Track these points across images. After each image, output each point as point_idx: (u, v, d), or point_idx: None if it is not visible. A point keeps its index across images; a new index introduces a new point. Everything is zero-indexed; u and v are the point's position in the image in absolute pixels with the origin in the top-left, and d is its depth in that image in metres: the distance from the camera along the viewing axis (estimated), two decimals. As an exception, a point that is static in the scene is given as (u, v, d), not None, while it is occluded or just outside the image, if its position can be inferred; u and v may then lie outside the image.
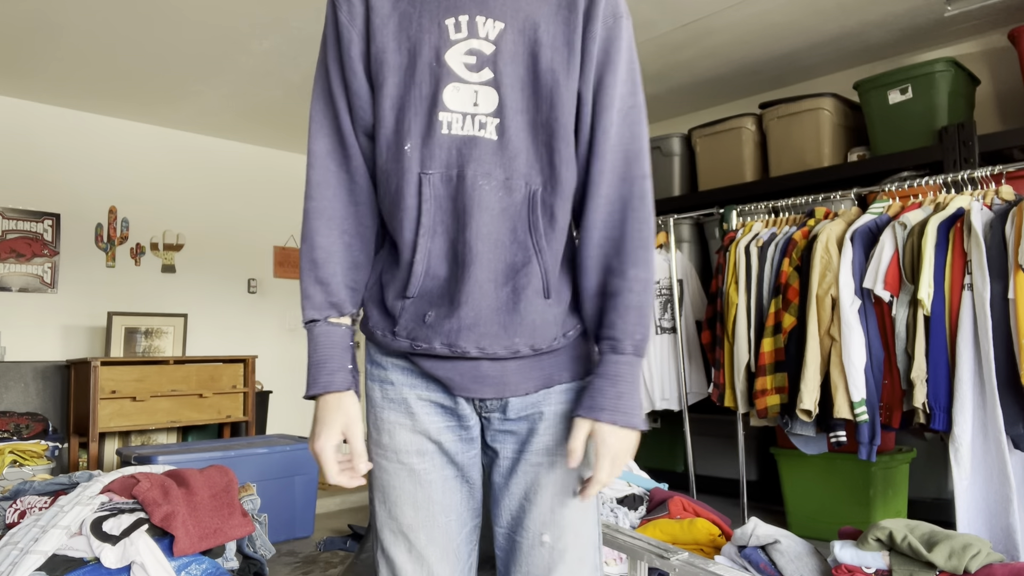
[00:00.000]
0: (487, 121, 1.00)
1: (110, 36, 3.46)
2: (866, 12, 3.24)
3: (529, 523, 1.05)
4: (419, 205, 1.00)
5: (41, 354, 4.26)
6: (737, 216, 3.37)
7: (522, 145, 1.00)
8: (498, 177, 0.99)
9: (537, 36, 1.00)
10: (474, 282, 0.98)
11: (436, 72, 0.99)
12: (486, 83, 1.00)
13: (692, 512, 2.44)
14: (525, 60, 1.00)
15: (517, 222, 1.00)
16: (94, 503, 2.25)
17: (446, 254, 1.01)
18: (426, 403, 1.06)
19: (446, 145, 0.99)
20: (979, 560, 1.79)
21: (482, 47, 1.00)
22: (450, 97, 0.99)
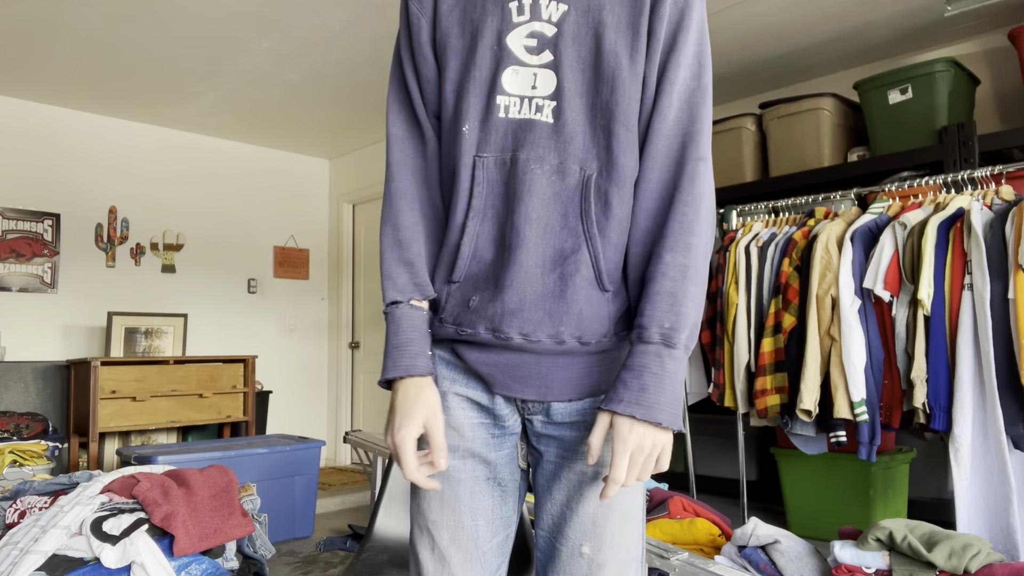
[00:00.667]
0: (544, 104, 0.99)
1: (110, 36, 3.46)
2: (866, 12, 3.25)
3: (569, 532, 1.02)
4: (471, 187, 1.00)
5: (41, 354, 4.26)
6: (737, 216, 3.37)
7: (579, 128, 0.98)
8: (551, 161, 0.98)
9: (601, 17, 0.98)
10: (519, 266, 0.97)
11: (496, 55, 1.00)
12: (545, 65, 0.99)
13: (692, 512, 2.44)
14: (588, 42, 0.98)
15: (569, 207, 0.98)
16: (94, 503, 2.25)
17: (494, 238, 1.00)
18: (462, 399, 1.04)
19: (502, 128, 0.99)
20: (979, 560, 1.79)
21: (544, 29, 0.99)
22: (509, 80, 0.99)
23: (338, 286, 5.56)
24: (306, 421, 5.43)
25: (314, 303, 5.56)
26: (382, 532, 2.81)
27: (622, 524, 1.02)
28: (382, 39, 3.48)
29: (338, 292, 5.55)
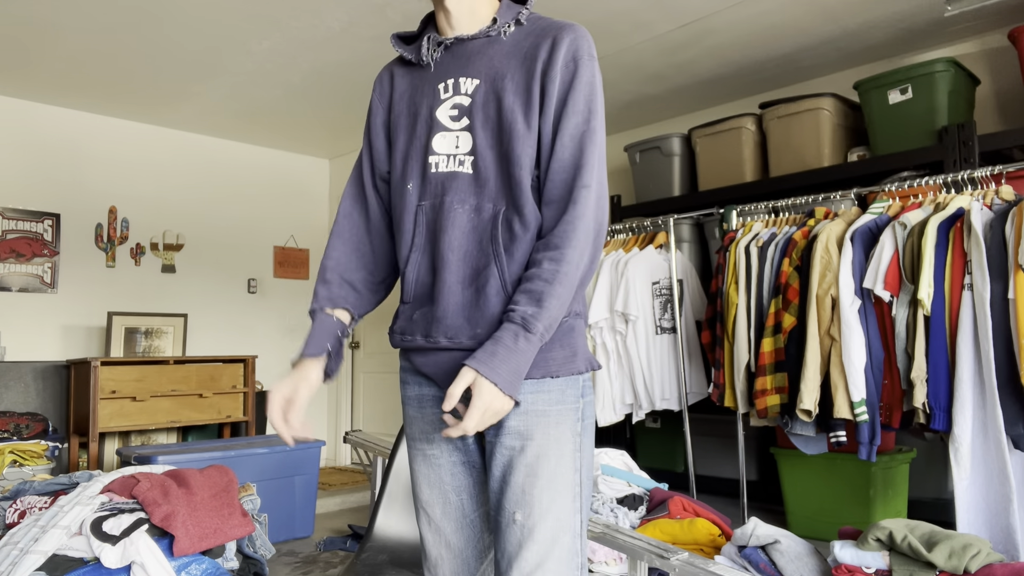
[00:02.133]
0: (465, 159, 1.23)
1: (110, 36, 3.46)
2: (866, 12, 3.25)
3: (505, 502, 1.17)
4: (414, 228, 1.25)
5: (41, 354, 4.26)
6: (737, 216, 3.37)
7: (491, 175, 1.21)
8: (471, 203, 1.21)
9: (503, 85, 1.22)
10: (444, 284, 1.20)
11: (429, 124, 1.26)
12: (464, 128, 1.24)
13: (692, 512, 2.44)
14: (493, 105, 1.22)
15: (483, 237, 1.20)
16: (94, 503, 2.25)
17: (429, 265, 1.24)
18: (429, 397, 1.27)
19: (435, 181, 1.24)
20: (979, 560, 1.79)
21: (462, 101, 1.25)
22: (438, 143, 1.25)
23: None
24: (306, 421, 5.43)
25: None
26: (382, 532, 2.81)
27: (549, 492, 1.16)
28: (382, 39, 3.48)
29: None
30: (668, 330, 3.58)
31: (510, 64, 1.23)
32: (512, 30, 1.26)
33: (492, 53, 1.25)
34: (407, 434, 1.33)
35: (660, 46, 3.58)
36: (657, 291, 3.58)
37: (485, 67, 1.24)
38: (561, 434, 1.19)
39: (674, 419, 3.85)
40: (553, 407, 1.19)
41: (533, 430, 1.18)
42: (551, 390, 1.20)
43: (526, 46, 1.24)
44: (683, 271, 3.66)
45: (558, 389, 1.20)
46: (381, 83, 1.37)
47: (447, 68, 1.27)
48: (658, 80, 4.02)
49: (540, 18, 1.28)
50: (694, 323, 3.63)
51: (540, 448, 1.17)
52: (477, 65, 1.25)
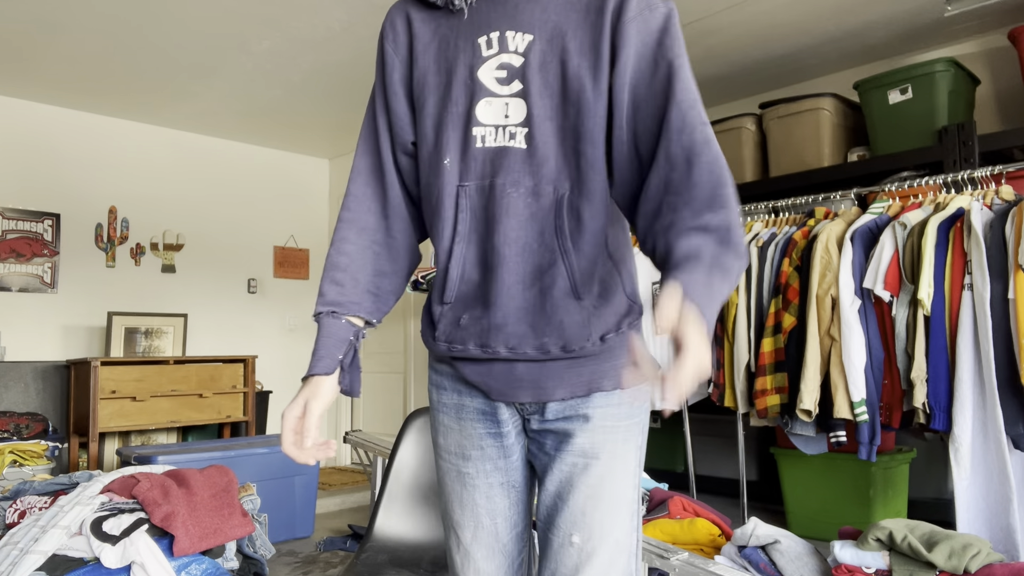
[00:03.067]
0: (517, 131, 1.04)
1: (110, 36, 3.46)
2: (866, 12, 3.24)
3: (560, 522, 1.06)
4: (455, 215, 1.06)
5: (41, 354, 4.26)
6: (737, 216, 3.37)
7: (550, 152, 1.03)
8: (526, 184, 1.03)
9: (564, 44, 1.02)
10: (502, 284, 1.03)
11: (470, 88, 1.05)
12: (516, 94, 1.04)
13: (692, 512, 2.44)
14: (554, 68, 1.03)
15: (544, 226, 1.03)
16: (94, 503, 2.25)
17: (478, 259, 1.06)
18: (470, 409, 1.11)
19: (480, 157, 1.04)
20: (979, 560, 1.79)
21: (512, 60, 1.04)
22: (482, 111, 1.05)
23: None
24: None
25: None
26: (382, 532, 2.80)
27: (611, 514, 1.05)
28: (382, 39, 3.48)
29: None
30: (668, 330, 3.58)
31: (570, 17, 1.03)
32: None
33: (546, 2, 1.05)
34: (439, 444, 1.17)
35: (660, 46, 3.58)
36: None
37: (539, 20, 1.04)
38: (627, 452, 1.08)
39: (674, 419, 3.85)
40: (623, 422, 1.07)
41: (600, 449, 1.05)
42: (622, 403, 1.07)
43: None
44: (683, 271, 3.66)
45: (628, 403, 1.08)
46: (393, 28, 1.12)
47: (488, 18, 1.06)
48: (658, 80, 4.01)
49: None
50: (694, 323, 3.63)
51: (605, 468, 1.05)
52: (528, 17, 1.05)
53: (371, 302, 1.13)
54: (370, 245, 1.13)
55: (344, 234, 1.13)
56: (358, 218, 1.13)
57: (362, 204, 1.14)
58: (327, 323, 1.11)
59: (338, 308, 1.11)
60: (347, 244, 1.13)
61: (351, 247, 1.13)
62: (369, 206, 1.14)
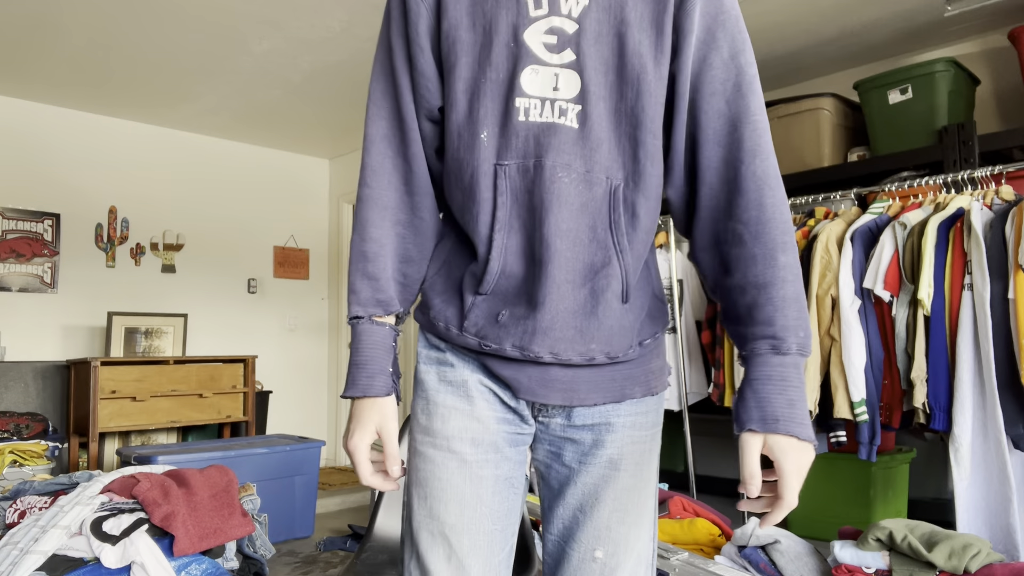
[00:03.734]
0: (568, 107, 0.91)
1: (110, 36, 3.46)
2: (866, 12, 3.24)
3: (582, 536, 0.99)
4: (494, 198, 0.92)
5: (41, 354, 4.26)
6: (737, 216, 3.37)
7: (604, 135, 0.92)
8: (578, 169, 0.91)
9: (624, 15, 0.91)
10: (552, 282, 0.91)
11: (513, 53, 0.91)
12: (567, 65, 0.91)
13: (692, 512, 2.44)
14: (611, 41, 0.91)
15: (597, 219, 0.92)
16: (94, 503, 2.25)
17: (523, 251, 0.93)
18: (487, 390, 0.98)
19: (523, 133, 0.91)
20: (979, 560, 1.79)
21: (564, 25, 0.91)
22: (528, 81, 0.91)
23: (338, 286, 5.56)
24: (306, 421, 5.43)
25: (314, 303, 5.56)
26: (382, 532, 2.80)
27: (636, 527, 0.99)
28: (382, 39, 3.48)
29: (338, 292, 5.55)
30: (668, 330, 3.58)
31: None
32: None
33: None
34: (433, 430, 0.97)
35: (660, 46, 3.58)
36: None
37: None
38: (651, 460, 1.02)
39: (674, 419, 3.85)
40: (648, 431, 1.01)
41: (626, 459, 0.99)
42: (649, 411, 1.01)
43: None
44: (683, 271, 3.66)
45: (654, 409, 1.02)
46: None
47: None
48: (658, 80, 4.01)
49: None
50: (694, 323, 3.63)
51: (631, 479, 0.99)
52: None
53: (401, 295, 1.00)
54: (394, 226, 0.98)
55: (369, 217, 0.97)
56: (380, 197, 0.98)
57: (382, 178, 0.98)
58: (368, 330, 0.96)
59: (378, 309, 0.97)
60: (374, 228, 0.97)
61: (378, 233, 0.97)
62: (390, 180, 0.98)
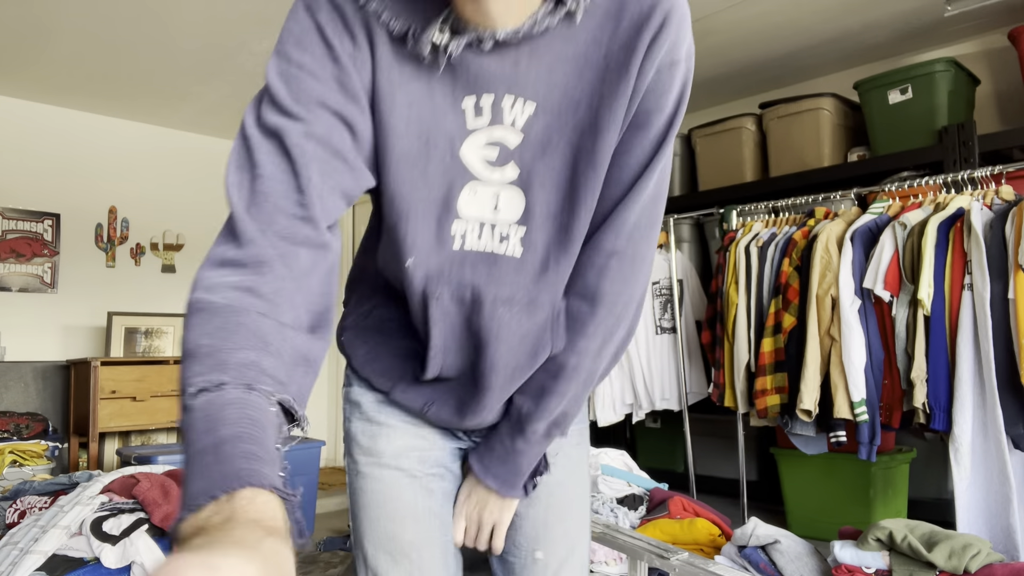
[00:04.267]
0: (510, 232, 0.82)
1: (110, 36, 3.46)
2: (866, 12, 3.24)
3: (520, 539, 0.98)
4: (427, 322, 0.85)
5: (41, 354, 4.26)
6: (737, 216, 3.37)
7: (551, 258, 0.83)
8: (521, 301, 0.84)
9: (577, 120, 0.79)
10: (490, 394, 0.88)
11: (450, 169, 0.80)
12: (511, 184, 0.81)
13: (692, 512, 2.44)
14: (562, 152, 0.80)
15: (539, 339, 0.87)
16: (94, 503, 2.25)
17: (460, 369, 0.89)
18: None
19: (458, 261, 0.82)
20: (979, 560, 1.79)
21: (507, 137, 0.80)
22: (466, 201, 0.80)
23: (338, 286, 5.56)
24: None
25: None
26: (382, 532, 2.80)
27: (572, 521, 1.01)
28: (382, 39, 3.49)
29: (338, 292, 5.55)
30: (668, 330, 3.58)
31: (584, 79, 0.78)
32: (582, 13, 0.75)
33: (553, 56, 0.77)
34: (379, 452, 0.92)
35: (660, 46, 3.58)
36: (657, 291, 3.58)
37: (544, 82, 0.78)
38: (581, 456, 1.03)
39: (674, 419, 3.85)
40: (575, 426, 1.01)
41: (554, 455, 0.99)
42: (571, 431, 1.00)
43: (604, 39, 0.77)
44: (683, 271, 3.66)
45: (576, 430, 1.01)
46: (347, 27, 0.75)
47: (478, 72, 0.77)
48: (658, 80, 4.01)
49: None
50: (694, 323, 3.63)
51: (562, 475, 0.99)
52: (531, 76, 0.77)
53: (302, 376, 0.79)
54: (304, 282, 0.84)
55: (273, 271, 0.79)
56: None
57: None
58: (239, 401, 0.66)
59: (259, 379, 0.70)
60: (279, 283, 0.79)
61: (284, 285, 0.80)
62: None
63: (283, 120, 0.72)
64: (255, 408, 0.59)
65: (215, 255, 0.70)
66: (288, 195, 0.71)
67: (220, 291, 0.66)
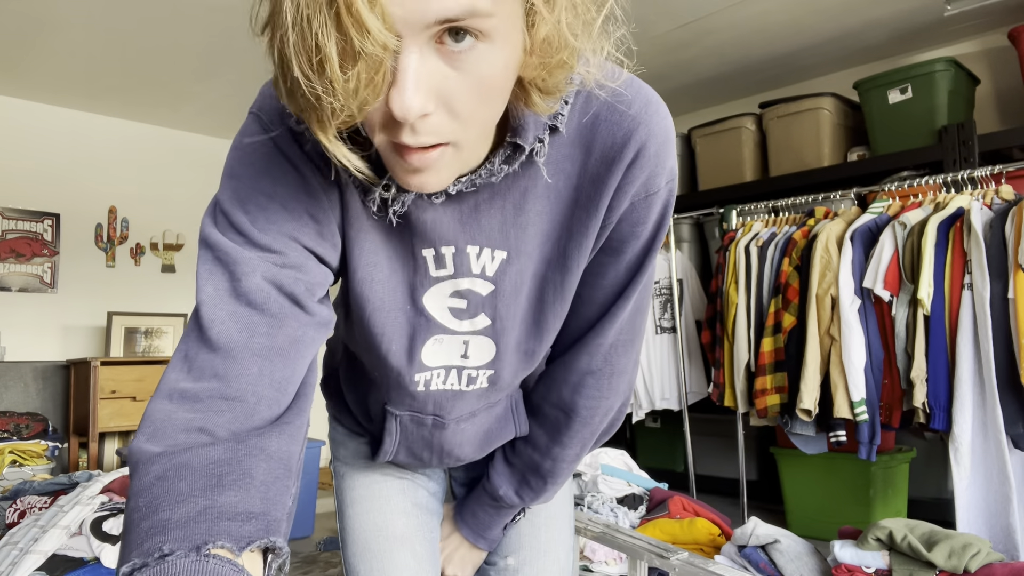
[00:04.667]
0: (478, 374, 0.80)
1: (110, 36, 3.46)
2: (866, 12, 3.24)
3: (503, 548, 1.02)
4: (383, 427, 0.87)
5: (41, 354, 4.26)
6: (737, 216, 3.37)
7: (514, 371, 0.82)
8: (482, 410, 0.86)
9: (547, 258, 0.74)
10: (452, 466, 0.98)
11: (411, 320, 0.75)
12: (481, 332, 0.77)
13: (692, 512, 2.44)
14: (529, 290, 0.76)
15: (501, 424, 0.90)
16: (94, 503, 2.25)
17: (419, 453, 0.91)
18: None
19: (421, 397, 0.82)
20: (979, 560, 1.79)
21: (476, 287, 0.74)
22: (431, 353, 0.77)
23: (338, 285, 5.56)
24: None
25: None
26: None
27: (547, 531, 1.02)
28: (382, 39, 3.48)
29: (338, 292, 5.56)
30: (668, 330, 3.58)
31: (554, 218, 0.72)
32: (547, 150, 0.67)
33: (519, 194, 0.70)
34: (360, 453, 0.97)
35: (660, 45, 3.58)
36: (657, 291, 3.58)
37: (513, 227, 0.71)
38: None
39: (674, 419, 3.85)
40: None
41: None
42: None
43: (574, 172, 0.70)
44: (683, 271, 3.66)
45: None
46: (325, 166, 0.66)
47: (434, 224, 0.69)
48: (658, 80, 4.01)
49: (579, 100, 0.69)
50: (694, 323, 3.63)
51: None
52: (495, 223, 0.71)
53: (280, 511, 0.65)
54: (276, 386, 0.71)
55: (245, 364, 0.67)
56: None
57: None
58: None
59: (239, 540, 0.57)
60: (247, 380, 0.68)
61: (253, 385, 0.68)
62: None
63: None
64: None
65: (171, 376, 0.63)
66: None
67: (169, 435, 0.57)
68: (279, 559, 0.55)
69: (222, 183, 0.66)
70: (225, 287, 0.62)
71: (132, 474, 0.55)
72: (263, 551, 0.54)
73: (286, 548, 0.54)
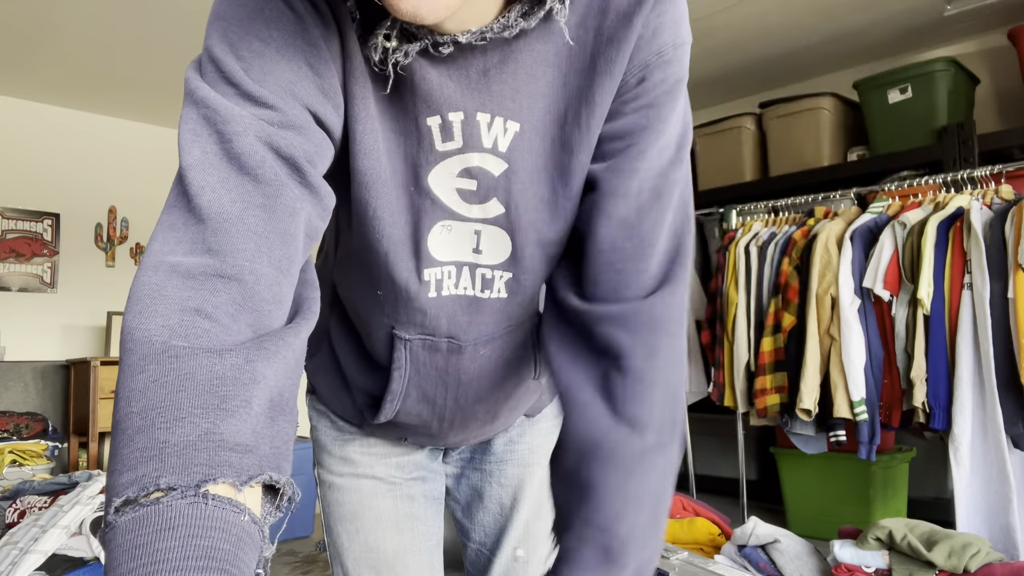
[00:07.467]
0: (494, 276, 0.70)
1: (110, 36, 3.46)
2: (866, 12, 3.24)
3: (505, 540, 0.96)
4: (390, 362, 0.75)
5: (41, 354, 4.26)
6: (737, 216, 3.37)
7: (537, 284, 0.72)
8: (502, 335, 0.75)
9: (564, 135, 0.65)
10: (465, 430, 0.83)
11: (415, 202, 0.65)
12: (493, 221, 0.67)
13: (692, 512, 2.44)
14: (549, 174, 0.66)
15: (520, 351, 0.78)
16: (94, 503, 2.25)
17: (422, 410, 0.80)
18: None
19: (434, 309, 0.70)
20: (979, 559, 1.79)
21: (487, 164, 0.65)
22: (437, 243, 0.67)
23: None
24: (306, 421, 5.43)
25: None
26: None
27: (545, 519, 0.97)
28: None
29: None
30: (668, 330, 3.58)
31: (570, 85, 0.64)
32: (567, 12, 0.60)
33: (533, 60, 0.62)
34: (353, 462, 0.89)
35: (660, 46, 3.58)
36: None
37: (526, 95, 0.63)
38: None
39: (674, 419, 3.84)
40: (552, 421, 0.97)
41: (536, 453, 0.97)
42: (546, 417, 0.97)
43: (589, 38, 0.63)
44: (683, 271, 3.66)
45: (552, 414, 0.97)
46: (313, 19, 0.58)
47: (440, 85, 0.62)
48: (658, 80, 4.01)
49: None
50: (694, 322, 3.63)
51: (545, 472, 0.90)
52: (508, 90, 0.63)
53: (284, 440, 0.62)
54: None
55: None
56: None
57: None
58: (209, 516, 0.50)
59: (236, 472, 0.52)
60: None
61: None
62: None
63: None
64: (208, 534, 0.41)
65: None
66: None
67: (161, 314, 0.48)
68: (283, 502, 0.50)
69: (208, 28, 0.58)
70: (214, 149, 0.54)
71: (124, 358, 0.48)
72: (264, 487, 0.49)
73: (292, 486, 0.49)
